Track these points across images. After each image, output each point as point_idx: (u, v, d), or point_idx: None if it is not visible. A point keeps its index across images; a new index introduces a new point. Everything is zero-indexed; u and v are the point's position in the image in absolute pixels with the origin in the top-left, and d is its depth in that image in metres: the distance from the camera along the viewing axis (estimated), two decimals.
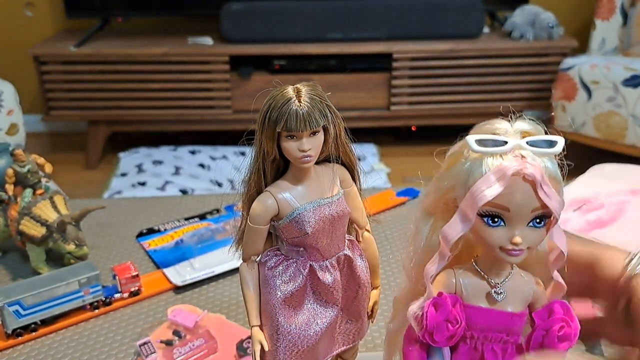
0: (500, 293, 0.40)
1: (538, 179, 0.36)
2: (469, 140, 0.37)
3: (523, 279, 0.41)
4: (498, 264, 0.40)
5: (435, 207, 0.42)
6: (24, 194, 0.82)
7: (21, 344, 0.70)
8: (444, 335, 0.40)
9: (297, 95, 0.43)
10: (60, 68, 2.41)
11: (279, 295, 0.48)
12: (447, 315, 0.40)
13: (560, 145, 0.38)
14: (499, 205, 0.37)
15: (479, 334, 0.41)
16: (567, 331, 0.40)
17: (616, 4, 2.42)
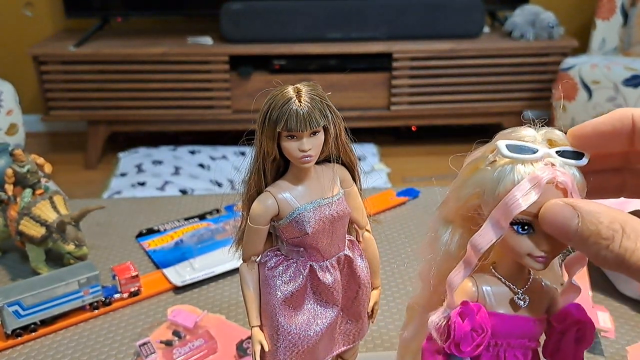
0: (523, 299, 0.40)
1: (570, 186, 0.36)
2: (499, 145, 0.37)
3: (542, 284, 0.41)
4: (518, 270, 0.40)
5: (455, 215, 0.42)
6: (23, 194, 0.81)
7: (21, 344, 0.70)
8: (470, 345, 0.40)
9: (298, 95, 0.43)
10: (60, 68, 2.41)
11: (279, 296, 0.48)
12: (474, 324, 0.40)
13: (587, 159, 0.37)
14: (531, 214, 0.36)
15: (503, 340, 0.40)
16: (583, 333, 0.40)
17: (616, 4, 2.42)
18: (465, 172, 0.40)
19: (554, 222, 0.35)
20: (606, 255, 0.32)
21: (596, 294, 0.75)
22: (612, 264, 0.33)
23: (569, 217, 0.34)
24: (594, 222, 0.33)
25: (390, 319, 0.72)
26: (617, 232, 0.32)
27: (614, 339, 0.68)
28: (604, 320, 0.70)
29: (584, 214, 0.34)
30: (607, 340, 0.68)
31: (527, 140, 0.38)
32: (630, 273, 0.32)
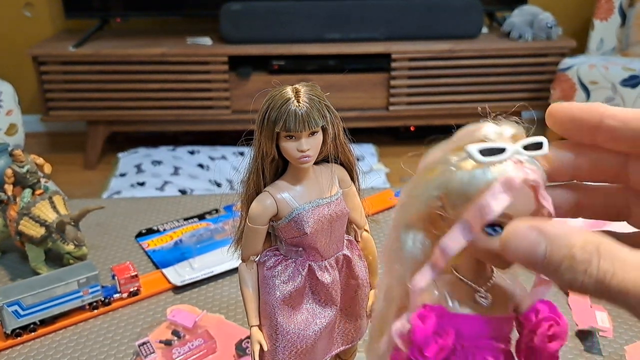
0: (484, 297, 0.39)
1: (541, 183, 0.35)
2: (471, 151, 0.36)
3: (505, 282, 0.41)
4: (479, 269, 0.40)
5: (416, 219, 0.40)
6: (23, 194, 0.82)
7: (20, 344, 0.70)
8: (433, 350, 0.39)
9: (296, 95, 0.43)
10: (59, 68, 2.41)
11: (277, 295, 0.48)
12: (435, 327, 0.39)
13: (547, 145, 0.36)
14: (504, 215, 0.35)
15: (469, 343, 0.39)
16: (556, 330, 0.39)
17: (615, 4, 2.42)
18: (425, 175, 0.39)
19: (517, 251, 0.31)
20: (584, 281, 0.29)
21: None
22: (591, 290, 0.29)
23: (535, 242, 0.30)
24: (565, 245, 0.30)
25: None
26: (593, 255, 0.29)
27: (612, 339, 0.68)
28: (602, 320, 0.70)
29: (552, 238, 0.30)
30: (605, 339, 0.68)
31: (492, 139, 0.37)
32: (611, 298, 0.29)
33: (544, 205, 0.36)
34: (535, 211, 0.37)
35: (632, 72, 2.10)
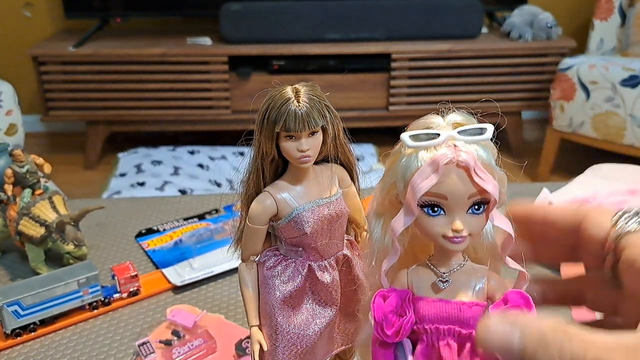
0: (445, 281, 0.41)
1: (471, 164, 0.37)
2: (403, 137, 0.39)
3: (474, 270, 0.41)
4: (447, 256, 0.41)
5: (383, 207, 0.43)
6: (23, 194, 0.82)
7: (20, 344, 0.70)
8: (393, 328, 0.40)
9: (296, 95, 0.43)
10: (59, 68, 2.41)
11: (277, 295, 0.48)
12: (394, 307, 0.40)
13: (490, 132, 0.39)
14: (437, 195, 0.38)
15: (430, 325, 0.40)
16: None
17: (614, 4, 2.42)
18: (387, 166, 0.42)
19: (493, 344, 0.33)
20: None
21: None
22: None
23: (509, 333, 0.32)
24: (536, 331, 0.31)
25: None
26: (563, 338, 0.31)
27: None
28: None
29: (523, 327, 0.32)
30: None
31: (432, 127, 0.40)
32: None
33: (483, 187, 0.37)
34: (478, 193, 0.38)
35: (632, 72, 2.10)
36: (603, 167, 0.94)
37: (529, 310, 0.39)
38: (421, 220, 0.39)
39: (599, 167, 0.94)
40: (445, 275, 0.41)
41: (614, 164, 0.94)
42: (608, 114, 2.15)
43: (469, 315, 0.40)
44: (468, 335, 0.40)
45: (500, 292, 0.41)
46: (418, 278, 0.42)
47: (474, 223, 0.39)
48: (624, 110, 2.12)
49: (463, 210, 0.38)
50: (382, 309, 0.41)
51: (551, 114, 2.32)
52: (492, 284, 0.41)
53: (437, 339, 0.41)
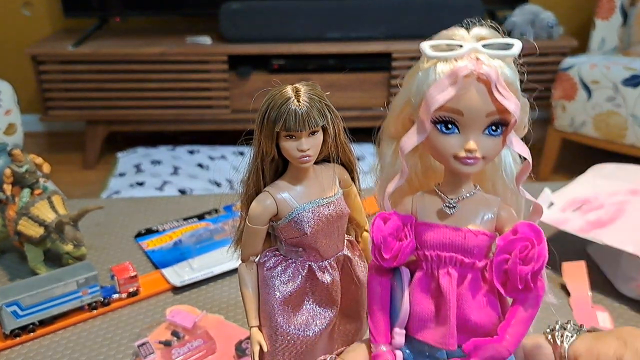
0: (452, 207, 0.38)
1: (493, 78, 0.34)
2: (422, 46, 0.36)
3: (485, 199, 0.39)
4: (457, 182, 0.38)
5: (395, 129, 0.40)
6: (21, 194, 0.81)
7: (19, 344, 0.70)
8: (391, 251, 0.38)
9: (296, 94, 0.43)
10: (58, 68, 2.41)
11: (277, 296, 0.48)
12: (394, 230, 0.38)
13: (518, 48, 0.36)
14: (453, 110, 0.35)
15: (431, 252, 0.38)
16: (530, 252, 0.36)
17: (616, 4, 2.42)
18: (402, 83, 0.39)
19: None
20: None
21: (595, 294, 0.75)
22: None
23: None
24: None
25: None
26: None
27: None
28: (603, 320, 0.70)
29: None
30: None
31: (456, 39, 0.37)
32: None
33: (503, 105, 0.35)
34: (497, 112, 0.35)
35: (634, 72, 2.10)
36: (604, 167, 0.93)
37: (539, 243, 0.36)
38: (433, 138, 0.36)
39: (601, 167, 0.94)
40: (453, 201, 0.38)
41: (615, 164, 0.94)
42: (609, 113, 2.15)
43: (474, 244, 0.38)
44: (470, 265, 0.38)
45: (511, 224, 0.38)
46: (423, 204, 0.39)
47: (489, 145, 0.36)
48: (625, 110, 2.11)
49: (479, 129, 0.36)
50: (381, 231, 0.39)
51: (552, 113, 2.32)
52: (502, 215, 0.39)
53: (437, 267, 0.38)
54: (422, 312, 0.39)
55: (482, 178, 0.40)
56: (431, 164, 0.41)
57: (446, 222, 0.38)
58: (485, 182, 0.40)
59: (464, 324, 0.38)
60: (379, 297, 0.41)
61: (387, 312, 0.41)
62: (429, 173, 0.42)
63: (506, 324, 0.37)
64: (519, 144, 0.37)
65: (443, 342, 0.38)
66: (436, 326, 0.38)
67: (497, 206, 0.39)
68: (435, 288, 0.39)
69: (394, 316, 0.40)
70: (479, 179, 0.40)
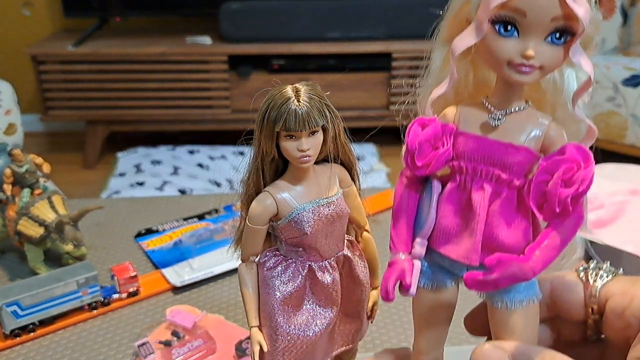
0: (497, 119, 0.36)
1: None
2: None
3: (535, 115, 0.36)
4: (508, 95, 0.36)
5: (450, 31, 0.38)
6: (21, 194, 0.81)
7: (19, 344, 0.70)
8: (424, 159, 0.36)
9: (296, 94, 0.43)
10: (58, 67, 2.41)
11: (277, 296, 0.48)
12: (431, 137, 0.36)
13: None
14: (515, 9, 0.32)
15: (467, 164, 0.36)
16: (575, 174, 0.33)
17: (616, 4, 2.42)
18: None
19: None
20: None
21: None
22: None
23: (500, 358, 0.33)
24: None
25: (390, 319, 0.72)
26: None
27: None
28: None
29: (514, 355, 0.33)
30: None
31: None
32: None
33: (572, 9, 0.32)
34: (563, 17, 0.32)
35: (634, 72, 2.10)
36: (604, 167, 0.94)
37: (586, 167, 0.34)
38: (489, 40, 0.33)
39: (601, 167, 0.94)
40: (500, 113, 0.36)
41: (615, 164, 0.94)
42: (609, 113, 2.15)
43: (515, 160, 0.35)
44: (507, 182, 0.35)
45: (559, 144, 0.35)
46: (468, 114, 0.37)
47: (550, 54, 0.33)
48: (625, 110, 2.12)
49: (541, 35, 0.33)
50: (417, 136, 0.36)
51: None
52: (551, 135, 0.36)
53: (471, 180, 0.36)
54: (448, 226, 0.37)
55: (541, 101, 0.38)
56: (483, 75, 0.38)
57: (489, 134, 0.36)
58: (545, 106, 0.37)
59: (490, 242, 0.35)
60: (405, 205, 0.39)
61: (411, 221, 0.39)
62: (479, 86, 0.39)
63: (536, 245, 0.34)
64: (584, 59, 0.34)
65: (466, 257, 0.36)
66: (460, 241, 0.36)
67: (547, 124, 0.36)
68: (465, 202, 0.36)
69: (418, 227, 0.39)
70: (537, 101, 0.38)
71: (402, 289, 0.38)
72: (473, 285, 0.35)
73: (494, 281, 0.34)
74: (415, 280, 0.38)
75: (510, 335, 0.36)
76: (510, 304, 0.36)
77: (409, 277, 0.37)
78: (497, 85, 0.36)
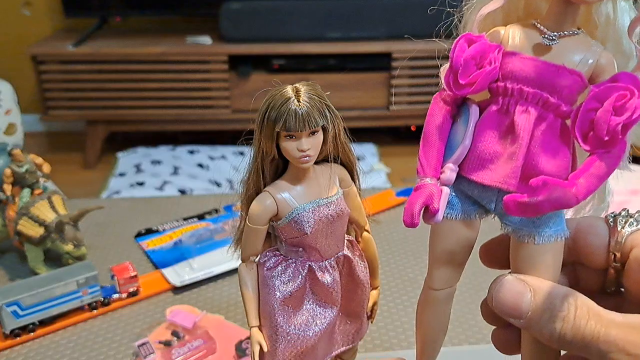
0: (551, 39, 0.34)
1: None
2: None
3: (588, 42, 0.35)
4: (563, 18, 0.35)
5: None
6: (21, 194, 0.81)
7: (19, 344, 0.70)
8: (469, 77, 0.34)
9: (296, 94, 0.43)
10: (59, 67, 2.41)
11: (277, 296, 0.48)
12: (479, 54, 0.34)
13: None
14: None
15: (514, 85, 0.34)
16: (628, 103, 0.32)
17: None
18: None
19: (504, 299, 0.33)
20: (562, 327, 0.31)
21: None
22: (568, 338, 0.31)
23: (521, 292, 0.33)
24: (547, 296, 0.32)
25: (390, 319, 0.72)
26: (571, 305, 0.31)
27: None
28: None
29: (536, 289, 0.33)
30: None
31: None
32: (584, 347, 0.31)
33: None
34: None
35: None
36: None
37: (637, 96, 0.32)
38: None
39: None
40: (554, 35, 0.34)
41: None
42: None
43: (566, 84, 0.34)
44: (554, 107, 0.34)
45: (609, 74, 0.34)
46: (518, 34, 0.35)
47: None
48: None
49: None
50: (463, 53, 0.34)
51: None
52: (602, 63, 0.34)
53: (515, 103, 0.34)
54: (485, 151, 0.35)
55: (592, 34, 0.36)
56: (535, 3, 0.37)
57: (541, 56, 0.34)
58: (595, 36, 0.36)
59: (530, 169, 0.34)
60: (439, 127, 0.37)
61: (443, 146, 0.37)
62: (530, 12, 0.38)
63: (580, 172, 0.33)
64: None
65: (503, 182, 0.34)
66: (497, 167, 0.35)
67: (600, 52, 0.35)
68: (507, 126, 0.35)
69: (449, 152, 0.37)
70: (589, 30, 0.36)
71: (428, 214, 0.36)
72: (514, 207, 0.32)
73: (537, 204, 0.32)
74: (444, 206, 0.35)
75: (534, 271, 0.35)
76: (538, 238, 0.35)
77: (436, 201, 0.35)
78: (552, 7, 0.35)
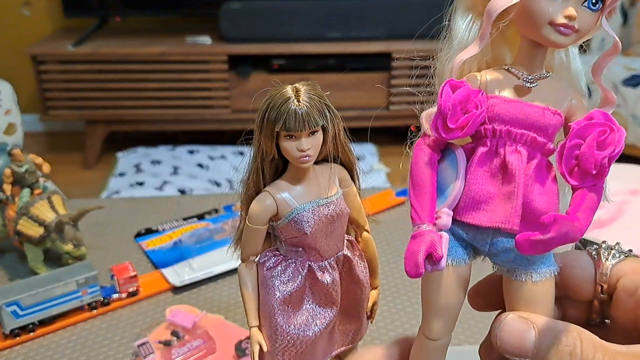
0: (530, 82, 0.35)
1: None
2: None
3: (561, 84, 0.36)
4: (534, 62, 0.36)
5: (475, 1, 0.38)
6: (21, 193, 0.81)
7: (19, 344, 0.70)
8: (458, 121, 0.35)
9: (296, 94, 0.43)
10: (58, 67, 2.41)
11: (277, 296, 0.48)
12: (465, 98, 0.35)
13: None
14: None
15: (502, 127, 0.35)
16: (609, 137, 0.33)
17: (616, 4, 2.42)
18: None
19: (508, 338, 0.33)
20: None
21: None
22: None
23: (525, 329, 0.33)
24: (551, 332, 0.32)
25: (390, 319, 0.72)
26: (576, 339, 0.32)
27: None
28: None
29: (539, 326, 0.33)
30: None
31: None
32: None
33: None
34: None
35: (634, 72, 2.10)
36: None
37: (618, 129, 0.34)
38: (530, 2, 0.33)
39: None
40: (531, 77, 0.35)
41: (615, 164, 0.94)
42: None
43: (550, 123, 0.35)
44: (541, 146, 0.35)
45: (581, 113, 0.36)
46: (495, 79, 0.36)
47: (586, 19, 0.34)
48: (625, 110, 2.11)
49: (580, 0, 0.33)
50: (450, 99, 0.35)
51: None
52: (574, 104, 0.36)
53: (504, 144, 0.35)
54: (478, 193, 0.36)
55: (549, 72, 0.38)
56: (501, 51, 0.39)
57: (522, 97, 0.36)
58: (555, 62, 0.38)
59: (526, 207, 0.35)
60: (428, 173, 0.37)
61: (434, 190, 0.37)
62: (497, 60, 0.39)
63: (576, 207, 0.34)
64: (607, 25, 0.35)
65: (505, 222, 0.35)
66: (494, 208, 0.35)
67: (572, 93, 0.37)
68: (498, 167, 0.35)
69: (440, 197, 0.37)
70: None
71: (431, 262, 0.36)
72: (527, 246, 0.33)
73: (548, 240, 0.32)
74: (446, 252, 0.36)
75: (532, 308, 0.35)
76: (535, 276, 0.35)
77: (439, 248, 0.35)
78: (521, 52, 0.36)
